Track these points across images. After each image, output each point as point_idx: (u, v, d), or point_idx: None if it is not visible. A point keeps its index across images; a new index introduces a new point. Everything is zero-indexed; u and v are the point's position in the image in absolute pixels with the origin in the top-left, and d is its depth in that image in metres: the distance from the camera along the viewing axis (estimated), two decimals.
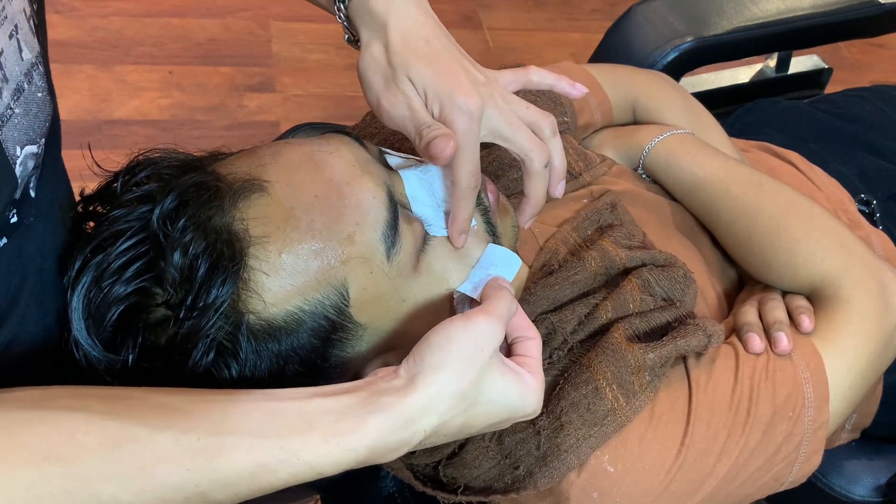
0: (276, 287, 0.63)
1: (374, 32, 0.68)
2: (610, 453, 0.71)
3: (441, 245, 0.70)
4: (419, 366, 0.57)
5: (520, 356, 0.63)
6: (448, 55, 0.67)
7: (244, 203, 0.64)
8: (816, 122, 1.16)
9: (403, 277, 0.67)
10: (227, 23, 2.27)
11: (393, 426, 0.55)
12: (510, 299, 0.63)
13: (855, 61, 2.33)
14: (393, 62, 0.66)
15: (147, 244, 0.62)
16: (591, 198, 0.89)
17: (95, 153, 0.69)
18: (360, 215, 0.66)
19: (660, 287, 0.78)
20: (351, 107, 2.07)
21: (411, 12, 0.67)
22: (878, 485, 0.94)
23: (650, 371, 0.72)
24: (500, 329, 0.60)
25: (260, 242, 0.63)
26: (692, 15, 1.21)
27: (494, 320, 0.59)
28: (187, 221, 0.62)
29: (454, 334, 0.58)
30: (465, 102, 0.65)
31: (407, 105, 0.66)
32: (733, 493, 0.74)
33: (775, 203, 0.86)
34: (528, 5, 2.43)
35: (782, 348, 0.76)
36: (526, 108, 0.70)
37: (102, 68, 2.11)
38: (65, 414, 0.50)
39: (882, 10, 1.26)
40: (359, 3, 0.68)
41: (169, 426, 0.51)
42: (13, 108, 0.56)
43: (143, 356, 0.62)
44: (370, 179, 0.67)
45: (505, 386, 0.59)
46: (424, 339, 0.58)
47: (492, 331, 0.59)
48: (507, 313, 0.61)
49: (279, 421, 0.53)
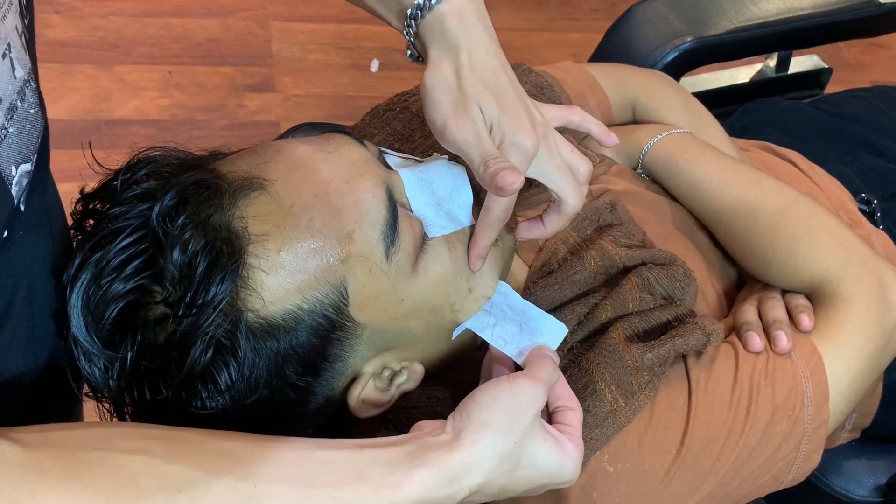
0: (275, 285, 0.63)
1: (445, 52, 0.68)
2: (609, 453, 0.71)
3: (440, 246, 0.70)
4: (465, 422, 0.59)
5: (561, 424, 0.64)
6: (512, 91, 0.69)
7: (244, 201, 0.64)
8: (817, 121, 1.16)
9: (402, 277, 0.67)
10: (227, 23, 2.27)
11: (438, 482, 0.56)
12: (553, 367, 0.65)
13: (855, 61, 2.33)
14: (465, 88, 0.67)
15: (146, 242, 0.62)
16: (590, 197, 0.89)
17: (95, 153, 0.69)
18: (360, 214, 0.66)
19: (660, 285, 0.78)
20: (351, 107, 2.07)
21: (483, 38, 0.68)
22: (878, 485, 0.94)
23: (649, 371, 0.72)
24: (542, 394, 0.61)
25: (259, 240, 0.63)
26: (692, 15, 1.21)
27: (538, 385, 0.61)
28: (186, 219, 0.62)
29: (500, 394, 0.60)
30: (524, 141, 0.67)
31: (475, 132, 0.66)
32: (733, 492, 0.74)
33: (775, 202, 0.86)
34: (528, 5, 2.43)
35: (782, 347, 0.76)
36: (571, 150, 0.72)
37: (102, 68, 2.11)
38: (126, 457, 0.51)
39: (882, 10, 1.26)
40: (433, 20, 0.68)
41: (227, 472, 0.52)
42: (7, 127, 0.55)
43: (142, 354, 0.62)
44: (370, 178, 0.67)
45: (547, 451, 0.61)
46: (471, 397, 0.60)
47: (534, 395, 0.61)
48: (550, 380, 0.63)
49: (331, 471, 0.55)
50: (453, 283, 0.70)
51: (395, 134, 0.90)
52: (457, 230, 0.71)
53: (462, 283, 0.71)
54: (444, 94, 0.67)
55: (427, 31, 0.69)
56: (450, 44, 0.68)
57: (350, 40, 2.24)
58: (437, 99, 0.67)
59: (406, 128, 0.91)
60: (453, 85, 0.67)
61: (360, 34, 2.26)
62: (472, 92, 0.67)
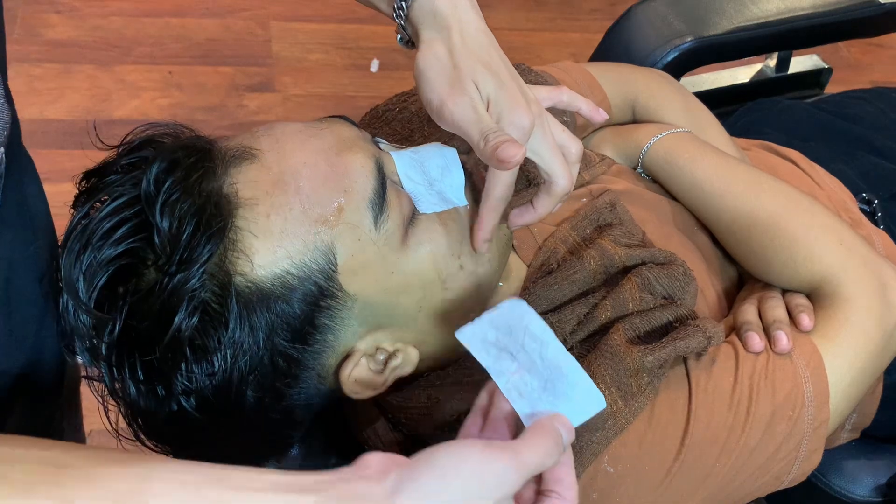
0: (264, 249, 0.64)
1: (436, 33, 0.68)
2: (609, 454, 0.71)
3: (430, 221, 0.70)
4: (408, 483, 0.48)
5: None
6: (506, 69, 0.68)
7: (235, 169, 0.65)
8: (818, 121, 1.16)
9: (392, 249, 0.68)
10: (227, 23, 2.27)
11: None
12: (555, 447, 0.53)
13: (855, 61, 2.33)
14: (459, 64, 0.67)
15: (137, 206, 0.63)
16: (590, 197, 0.89)
17: (95, 153, 0.69)
18: (349, 182, 0.66)
19: (660, 285, 0.78)
20: (351, 107, 2.07)
21: (473, 19, 0.69)
22: (878, 485, 0.94)
23: (649, 373, 0.72)
24: (517, 479, 0.50)
25: (248, 204, 0.64)
26: (692, 15, 1.21)
27: (515, 467, 0.50)
28: (176, 182, 0.63)
29: (464, 464, 0.49)
30: (521, 119, 0.66)
31: (472, 108, 0.66)
32: (733, 493, 0.74)
33: (775, 201, 0.86)
34: (528, 5, 2.43)
35: (782, 347, 0.76)
36: (562, 130, 0.71)
37: (102, 68, 2.11)
38: None
39: (882, 10, 1.26)
40: (423, 3, 0.69)
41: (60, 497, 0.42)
42: None
43: (132, 317, 0.62)
44: (359, 151, 0.68)
45: None
46: (430, 453, 0.50)
47: (506, 478, 0.50)
48: (539, 465, 0.52)
49: None
50: (445, 260, 0.70)
51: (395, 134, 0.91)
52: (448, 209, 0.71)
53: (454, 261, 0.71)
54: (438, 73, 0.67)
55: (418, 14, 0.69)
56: (441, 24, 0.68)
57: (350, 40, 2.24)
58: (432, 78, 0.67)
59: (405, 128, 0.91)
60: (447, 63, 0.67)
61: (360, 34, 2.26)
62: (467, 68, 0.66)
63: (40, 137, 1.89)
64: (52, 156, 1.80)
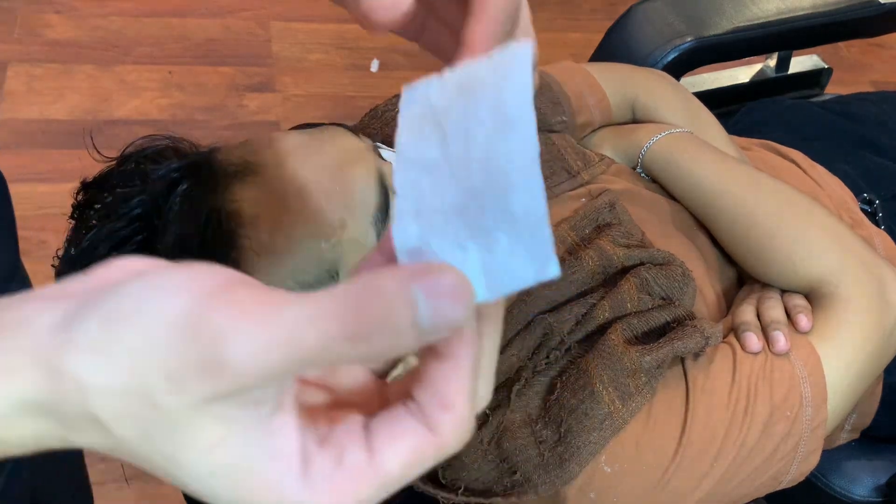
0: (267, 267, 0.63)
1: None
2: (607, 454, 0.71)
3: None
4: (88, 318, 0.29)
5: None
6: None
7: (238, 186, 0.65)
8: (820, 120, 1.16)
9: None
10: (227, 23, 2.27)
11: None
12: (373, 326, 0.28)
13: (855, 61, 2.33)
14: None
15: (140, 223, 0.62)
16: (589, 197, 0.89)
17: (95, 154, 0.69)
18: (351, 198, 0.66)
19: (658, 286, 0.78)
20: (351, 107, 2.07)
21: None
22: (878, 485, 0.94)
23: (646, 373, 0.72)
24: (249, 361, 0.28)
25: (251, 223, 0.64)
26: (692, 15, 1.21)
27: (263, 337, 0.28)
28: (180, 201, 0.62)
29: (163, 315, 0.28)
30: None
31: None
32: (731, 493, 0.74)
33: (774, 201, 0.86)
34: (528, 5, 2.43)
35: (779, 348, 0.76)
36: None
37: (102, 68, 2.11)
38: None
39: (882, 10, 1.26)
40: None
41: None
42: None
43: None
44: (362, 165, 0.68)
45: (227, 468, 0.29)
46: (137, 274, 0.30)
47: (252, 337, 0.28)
48: (322, 354, 0.28)
49: None
50: None
51: (394, 136, 0.90)
52: None
53: None
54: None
55: None
56: None
57: (350, 40, 2.24)
58: None
59: None
60: None
61: (360, 34, 2.26)
62: None
63: (40, 137, 1.89)
64: (52, 156, 1.80)
